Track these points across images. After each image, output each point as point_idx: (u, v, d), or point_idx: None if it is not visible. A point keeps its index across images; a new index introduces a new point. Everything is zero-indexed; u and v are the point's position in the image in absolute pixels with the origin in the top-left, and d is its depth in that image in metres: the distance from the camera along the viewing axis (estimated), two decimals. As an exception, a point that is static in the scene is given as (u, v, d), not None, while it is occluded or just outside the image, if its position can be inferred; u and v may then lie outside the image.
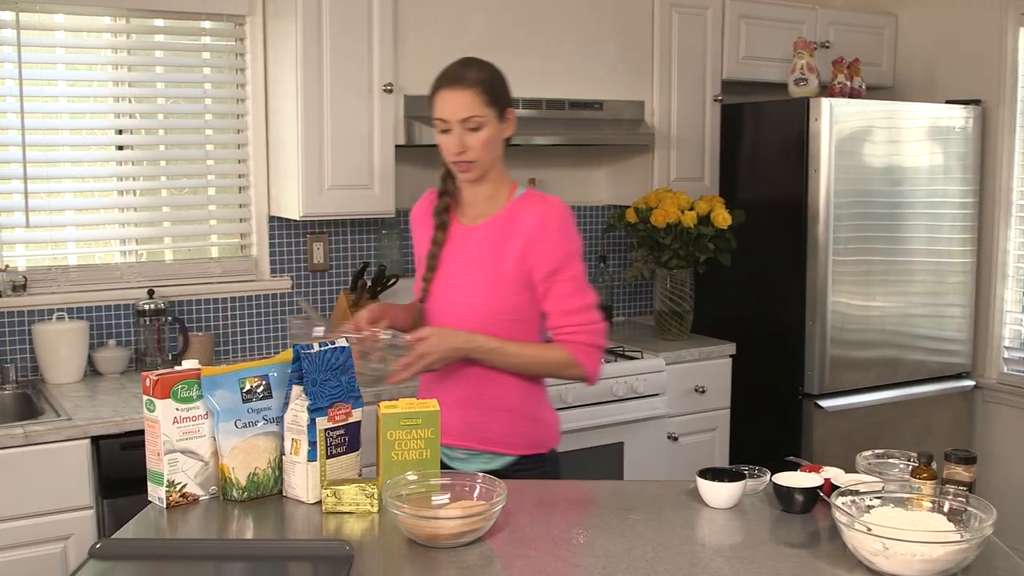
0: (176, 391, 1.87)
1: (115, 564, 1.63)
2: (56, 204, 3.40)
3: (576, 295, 2.38)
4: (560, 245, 2.37)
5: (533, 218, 2.37)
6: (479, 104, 2.32)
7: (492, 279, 2.38)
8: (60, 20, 3.37)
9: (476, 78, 2.34)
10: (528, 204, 2.41)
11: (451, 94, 2.33)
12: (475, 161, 2.35)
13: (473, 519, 1.69)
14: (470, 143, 2.34)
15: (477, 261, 2.40)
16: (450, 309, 2.42)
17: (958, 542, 1.55)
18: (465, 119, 2.32)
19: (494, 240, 2.40)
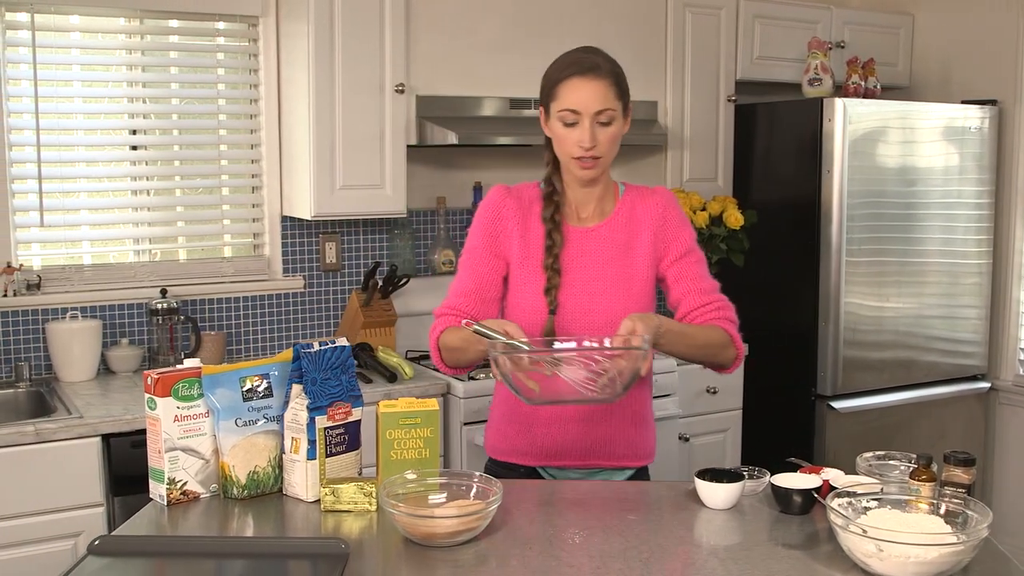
0: (177, 389, 1.89)
1: (113, 561, 1.65)
2: (70, 204, 3.43)
3: (708, 276, 2.30)
4: (687, 227, 2.30)
5: (655, 207, 2.28)
6: (613, 96, 2.17)
7: (626, 281, 2.25)
8: (75, 21, 3.40)
9: (610, 68, 2.19)
10: (642, 196, 2.31)
11: (585, 83, 2.15)
12: (602, 157, 2.19)
13: (468, 518, 1.69)
14: (600, 138, 2.16)
15: (608, 264, 2.26)
16: (585, 317, 2.23)
17: (953, 544, 1.54)
18: (599, 111, 2.15)
19: (621, 240, 2.28)
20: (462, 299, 2.27)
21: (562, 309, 2.23)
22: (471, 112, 3.64)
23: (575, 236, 2.27)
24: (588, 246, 2.26)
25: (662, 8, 4.00)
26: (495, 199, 2.31)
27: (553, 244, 2.24)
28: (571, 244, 2.26)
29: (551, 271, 2.23)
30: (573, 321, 2.22)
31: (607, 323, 2.19)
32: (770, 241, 4.07)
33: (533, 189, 2.32)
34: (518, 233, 2.27)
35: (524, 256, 2.26)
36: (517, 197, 2.30)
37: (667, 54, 4.03)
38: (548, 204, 2.27)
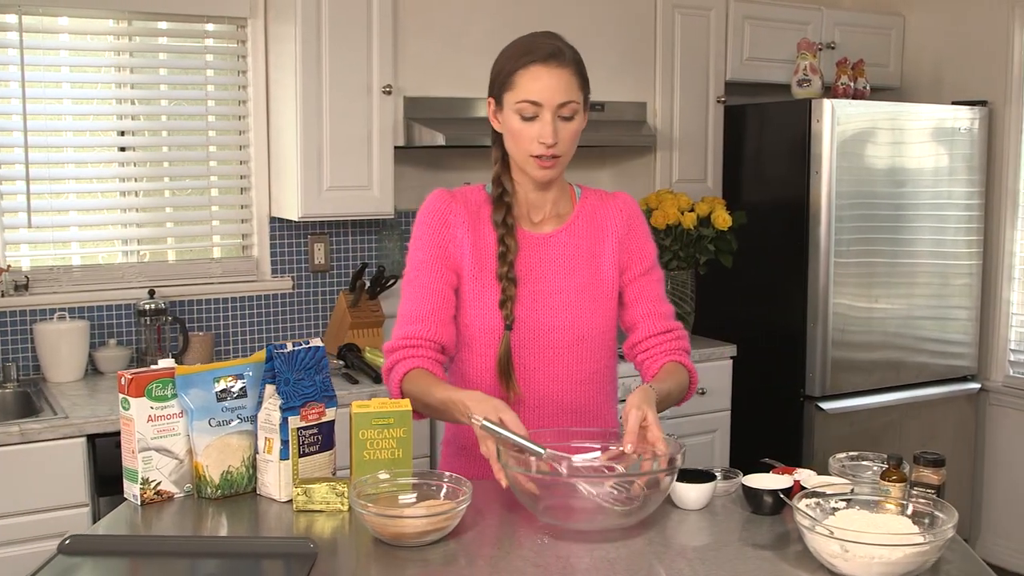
0: (150, 390, 1.89)
1: (83, 560, 1.65)
2: (59, 205, 3.44)
3: (665, 297, 2.15)
4: (651, 240, 2.15)
5: (619, 213, 2.11)
6: (576, 87, 1.96)
7: (591, 293, 2.07)
8: (64, 23, 3.41)
9: (573, 56, 1.97)
10: (603, 200, 2.13)
11: (547, 72, 1.93)
12: (562, 156, 1.98)
13: (437, 518, 1.69)
14: (562, 134, 1.95)
15: (572, 273, 2.06)
16: (548, 334, 2.04)
17: (917, 544, 1.54)
18: (563, 104, 1.94)
19: (583, 246, 2.09)
20: (416, 325, 2.03)
21: (520, 324, 2.03)
22: (459, 113, 3.65)
23: (530, 242, 2.06)
24: (546, 253, 2.07)
25: (651, 9, 4.01)
26: (439, 204, 2.08)
27: (507, 251, 2.02)
28: (527, 252, 2.05)
29: (506, 280, 2.01)
30: (533, 338, 2.04)
31: (573, 341, 2.05)
32: (760, 242, 4.08)
33: (479, 192, 2.11)
34: (469, 240, 2.04)
35: (476, 267, 2.04)
36: (463, 202, 2.08)
37: (656, 55, 4.03)
38: (499, 207, 2.05)
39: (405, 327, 2.04)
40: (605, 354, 2.12)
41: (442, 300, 2.04)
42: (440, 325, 2.04)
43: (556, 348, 2.05)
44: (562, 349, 2.06)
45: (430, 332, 2.03)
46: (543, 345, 2.05)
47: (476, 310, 2.05)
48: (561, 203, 2.11)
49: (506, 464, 1.75)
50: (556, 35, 2.02)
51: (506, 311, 2.02)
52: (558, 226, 2.10)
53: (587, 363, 2.09)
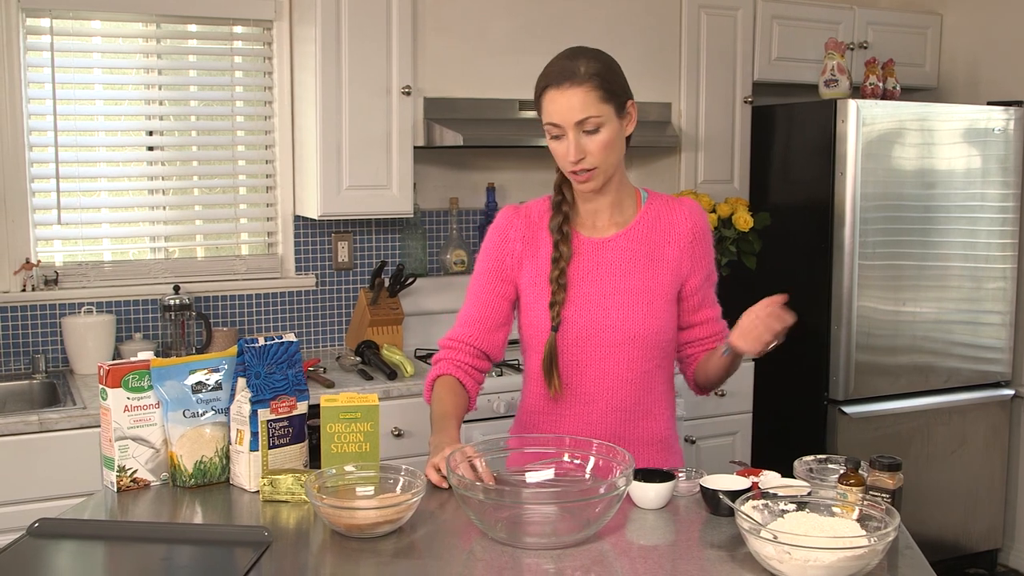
0: (127, 381, 1.96)
1: (47, 542, 1.72)
2: (90, 203, 3.55)
3: (717, 300, 2.28)
4: (712, 248, 2.25)
5: (686, 220, 2.17)
6: (595, 102, 2.00)
7: (646, 295, 2.13)
8: (96, 26, 3.52)
9: (588, 71, 2.01)
10: (669, 206, 2.19)
11: (561, 94, 2.01)
12: (597, 167, 2.04)
13: (389, 510, 1.73)
14: (589, 147, 2.02)
15: (627, 276, 2.13)
16: (597, 335, 2.12)
17: (852, 548, 1.54)
18: (581, 121, 2.00)
19: (642, 250, 2.15)
20: (466, 328, 2.22)
21: (567, 325, 2.12)
22: (479, 114, 3.68)
23: (588, 247, 2.16)
24: (603, 257, 2.14)
25: (676, 10, 4.00)
26: (502, 221, 2.23)
27: (560, 256, 2.12)
28: (583, 256, 2.15)
29: (555, 284, 2.11)
30: (583, 338, 2.12)
31: (623, 341, 2.12)
32: (785, 243, 4.04)
33: (544, 203, 2.21)
34: (528, 253, 2.18)
35: (534, 273, 2.17)
36: (526, 216, 2.21)
37: (681, 56, 4.02)
38: (556, 214, 2.16)
39: (454, 329, 2.26)
40: (658, 355, 2.17)
41: (491, 309, 2.22)
42: (484, 331, 2.22)
43: (605, 348, 2.12)
44: (612, 349, 2.13)
45: (472, 337, 2.21)
46: (592, 345, 2.12)
47: (531, 312, 2.18)
48: (624, 208, 2.19)
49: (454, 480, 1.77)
50: (579, 51, 2.07)
51: (553, 312, 2.12)
52: (619, 230, 2.17)
53: (638, 363, 2.15)
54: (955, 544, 4.21)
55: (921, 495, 4.07)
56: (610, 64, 2.07)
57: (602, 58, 2.06)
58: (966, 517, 4.22)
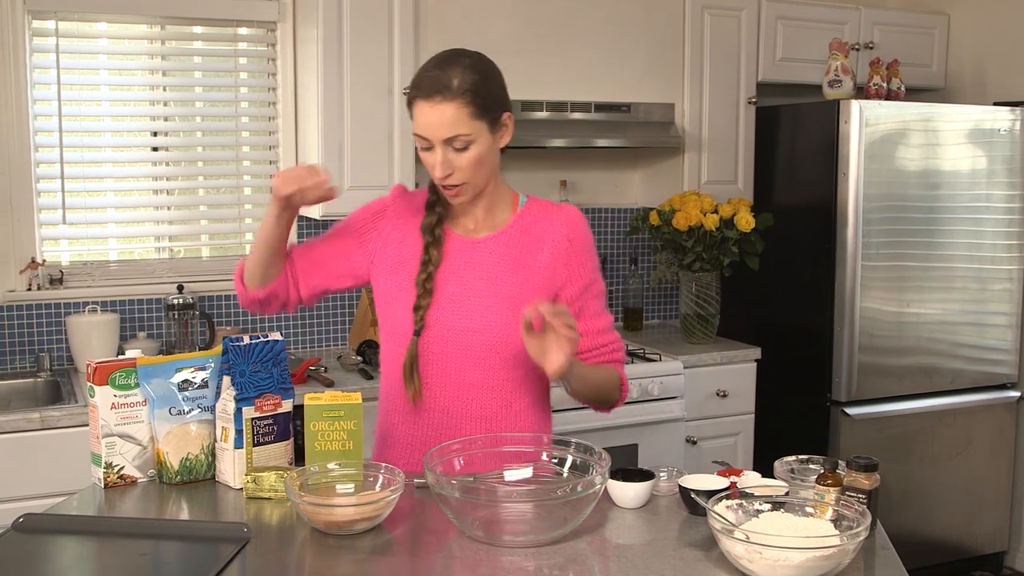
0: (114, 378, 1.99)
1: (31, 537, 1.75)
2: (95, 203, 3.59)
3: (606, 312, 2.14)
4: (592, 257, 2.12)
5: (560, 226, 2.08)
6: (466, 119, 1.90)
7: (513, 300, 2.02)
8: (102, 28, 3.55)
9: (462, 85, 1.90)
10: (546, 212, 2.11)
11: (431, 108, 1.90)
12: (466, 183, 1.98)
13: (366, 507, 1.75)
14: (457, 164, 1.94)
15: (496, 279, 2.05)
16: (460, 340, 2.03)
17: (822, 548, 1.54)
18: (450, 139, 1.92)
19: (512, 255, 2.06)
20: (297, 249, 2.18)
21: (430, 330, 2.04)
22: (480, 114, 3.69)
23: (459, 247, 2.08)
24: (472, 259, 2.07)
25: (680, 10, 4.00)
26: (388, 198, 2.19)
27: (428, 260, 2.06)
28: (453, 256, 2.08)
29: (422, 288, 2.04)
30: (447, 342, 2.04)
31: (488, 347, 2.02)
32: (788, 244, 4.04)
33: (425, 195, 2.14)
34: (396, 238, 2.12)
35: (398, 263, 2.10)
36: (410, 201, 2.15)
37: (685, 56, 4.02)
38: (429, 214, 2.10)
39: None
40: (526, 363, 2.00)
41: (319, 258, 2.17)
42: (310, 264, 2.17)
43: (468, 353, 2.04)
44: (475, 355, 2.04)
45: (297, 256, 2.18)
46: (455, 350, 2.04)
47: (392, 308, 2.10)
48: (498, 210, 2.11)
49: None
50: (454, 58, 1.96)
51: (417, 317, 2.04)
52: (491, 233, 2.10)
53: (503, 371, 2.06)
54: (960, 546, 4.19)
55: (926, 497, 4.06)
56: (487, 74, 1.96)
57: (480, 68, 1.95)
58: (971, 519, 4.20)
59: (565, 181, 4.18)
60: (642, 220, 4.02)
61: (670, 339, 4.11)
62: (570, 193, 4.20)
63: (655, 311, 4.51)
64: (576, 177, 4.25)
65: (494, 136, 1.98)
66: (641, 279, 4.35)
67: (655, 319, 4.51)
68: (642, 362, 3.71)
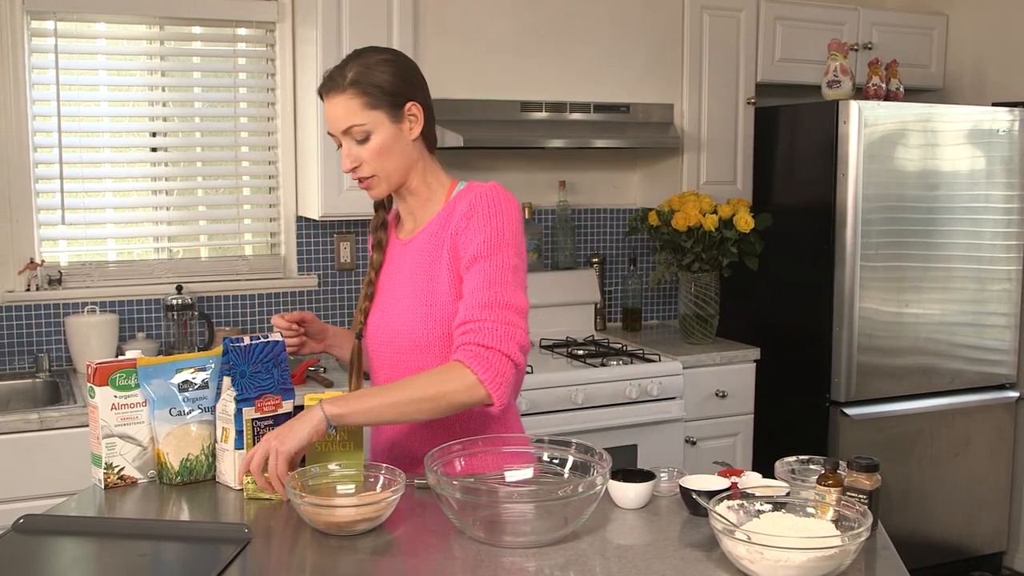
0: (114, 379, 1.98)
1: (31, 538, 1.75)
2: (93, 203, 3.59)
3: (492, 286, 1.90)
4: (488, 225, 1.93)
5: (464, 207, 1.97)
6: (357, 109, 1.93)
7: (428, 297, 2.00)
8: (101, 28, 3.55)
9: (352, 77, 1.93)
10: (461, 195, 2.02)
11: (328, 103, 1.97)
12: (376, 175, 1.99)
13: (367, 508, 1.75)
14: (362, 155, 1.97)
15: (412, 279, 2.04)
16: (389, 342, 2.06)
17: (823, 548, 1.54)
18: (347, 130, 1.96)
19: (428, 249, 2.03)
20: None
21: (370, 332, 2.11)
22: (479, 115, 3.70)
23: (395, 249, 2.13)
24: (401, 260, 2.09)
25: (679, 11, 4.00)
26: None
27: (370, 263, 2.16)
28: (390, 258, 2.13)
29: (364, 290, 2.14)
30: (379, 346, 2.08)
31: (412, 348, 2.01)
32: (787, 244, 4.04)
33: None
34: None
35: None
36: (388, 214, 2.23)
37: (684, 57, 4.02)
38: (375, 217, 2.18)
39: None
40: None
41: None
42: None
43: (395, 355, 2.06)
44: (400, 356, 2.05)
45: None
46: (388, 353, 2.07)
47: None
48: (429, 209, 2.08)
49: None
50: (356, 54, 1.99)
51: (360, 318, 2.14)
52: (416, 232, 2.09)
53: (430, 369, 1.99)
54: (959, 547, 4.20)
55: (925, 497, 4.06)
56: (381, 67, 1.95)
57: (369, 60, 1.95)
58: (970, 520, 4.20)
59: (564, 181, 4.18)
60: (641, 220, 4.02)
61: (669, 339, 4.11)
62: (569, 193, 4.20)
63: (654, 311, 4.51)
64: (575, 178, 4.25)
65: (397, 126, 1.97)
66: (640, 279, 4.35)
67: (654, 319, 4.51)
68: (641, 362, 3.71)
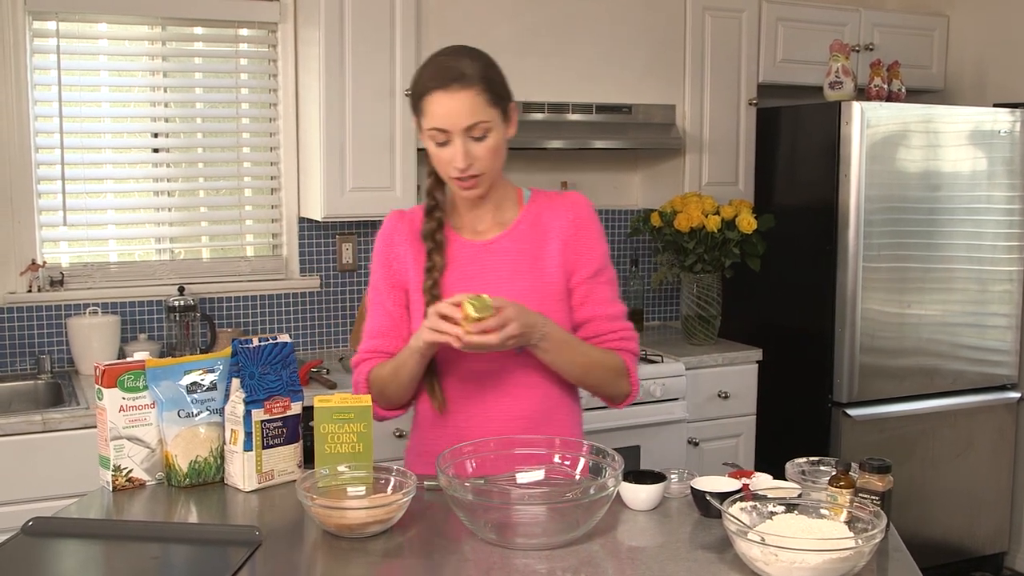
0: (123, 381, 1.98)
1: (41, 541, 1.74)
2: (95, 204, 3.58)
3: (617, 300, 2.11)
4: (600, 242, 2.10)
5: (565, 214, 2.07)
6: (484, 105, 1.93)
7: (536, 296, 2.02)
8: (103, 29, 3.54)
9: (479, 73, 1.93)
10: (551, 202, 2.11)
11: (448, 97, 1.91)
12: (483, 174, 1.98)
13: (379, 510, 1.74)
14: (476, 153, 1.95)
15: (512, 279, 2.04)
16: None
17: (838, 550, 1.54)
18: (470, 127, 1.93)
19: (527, 251, 2.06)
20: (378, 340, 2.12)
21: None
22: (482, 116, 3.68)
23: (470, 251, 2.08)
24: (487, 261, 2.06)
25: (680, 11, 4.00)
26: (388, 226, 2.15)
27: (432, 266, 2.05)
28: (465, 260, 2.07)
29: (429, 295, 2.03)
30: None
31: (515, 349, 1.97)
32: (789, 245, 4.04)
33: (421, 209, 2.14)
34: (411, 257, 2.10)
35: (418, 281, 2.08)
36: (411, 221, 2.13)
37: (686, 58, 4.02)
38: (428, 220, 2.08)
39: (365, 342, 2.16)
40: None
41: (395, 317, 2.13)
42: (396, 339, 2.12)
43: (498, 356, 2.01)
44: (505, 356, 2.02)
45: (386, 346, 2.13)
46: (484, 354, 1.98)
47: (418, 321, 2.07)
48: (505, 208, 2.12)
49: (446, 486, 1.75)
50: (465, 51, 1.98)
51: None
52: (501, 232, 2.09)
53: (535, 369, 2.06)
54: (960, 547, 4.20)
55: (926, 498, 4.06)
56: (494, 64, 1.99)
57: (485, 59, 1.98)
58: (972, 520, 4.21)
59: (565, 182, 4.18)
60: (643, 221, 4.02)
61: (671, 340, 4.11)
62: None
63: (656, 312, 4.51)
64: (576, 178, 4.25)
65: (505, 126, 2.01)
66: (642, 280, 4.35)
67: (656, 320, 4.51)
68: (644, 364, 3.70)
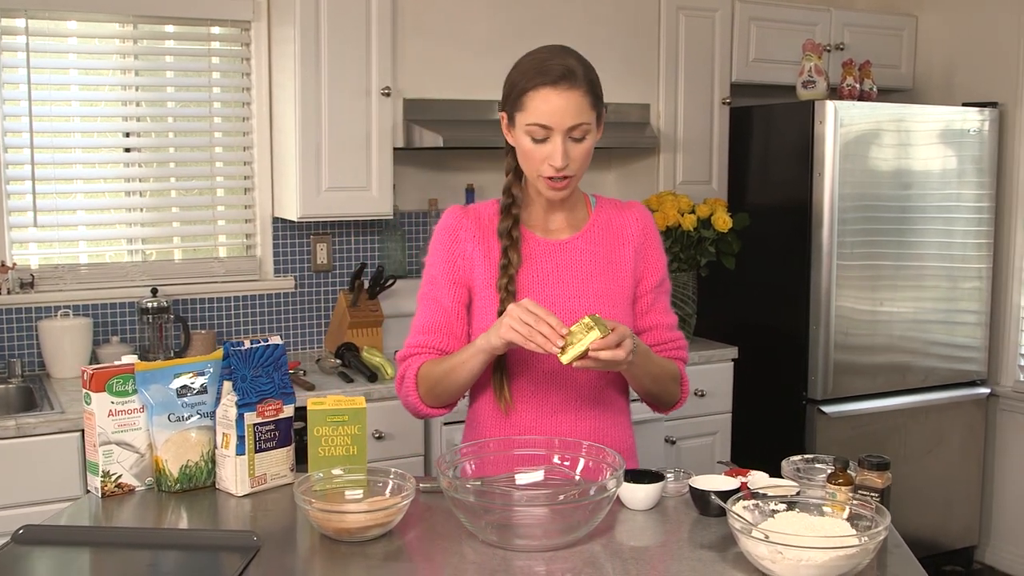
0: (111, 385, 1.94)
1: (32, 549, 1.70)
2: (65, 204, 3.51)
3: (671, 309, 2.18)
4: (663, 254, 2.16)
5: (636, 222, 2.12)
6: (588, 107, 1.92)
7: (608, 298, 2.05)
8: (72, 26, 3.48)
9: (585, 74, 1.93)
10: (619, 209, 2.13)
11: (557, 95, 1.89)
12: (575, 176, 1.97)
13: (378, 513, 1.72)
14: (574, 154, 1.93)
15: (590, 278, 2.05)
16: None
17: (844, 547, 1.54)
18: (573, 127, 1.91)
19: (600, 252, 2.08)
20: (429, 336, 2.06)
21: None
22: (459, 115, 3.67)
23: (545, 249, 2.07)
24: (562, 260, 2.06)
25: (655, 11, 4.01)
26: (451, 221, 2.09)
27: (508, 263, 2.02)
28: (540, 259, 2.06)
29: (504, 292, 2.00)
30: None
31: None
32: (763, 244, 4.06)
33: (493, 206, 2.10)
34: (480, 255, 2.05)
35: (487, 278, 2.04)
36: (476, 217, 2.09)
37: (660, 57, 4.03)
38: (505, 218, 2.05)
39: (416, 336, 2.08)
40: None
41: (451, 315, 2.07)
42: (449, 337, 2.06)
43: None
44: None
45: (438, 342, 2.06)
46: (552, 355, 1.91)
47: (483, 319, 2.04)
48: (577, 210, 2.12)
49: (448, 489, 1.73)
50: (570, 51, 1.97)
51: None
52: (574, 233, 2.09)
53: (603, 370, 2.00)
54: (932, 542, 4.25)
55: (898, 493, 4.09)
56: (594, 69, 1.99)
57: (587, 61, 1.98)
58: (943, 515, 4.26)
59: (541, 182, 4.17)
60: (619, 221, 4.01)
61: (647, 339, 4.11)
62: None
63: (630, 311, 4.51)
64: (551, 178, 4.23)
65: (598, 131, 2.00)
66: (616, 279, 4.35)
67: (630, 319, 4.51)
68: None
